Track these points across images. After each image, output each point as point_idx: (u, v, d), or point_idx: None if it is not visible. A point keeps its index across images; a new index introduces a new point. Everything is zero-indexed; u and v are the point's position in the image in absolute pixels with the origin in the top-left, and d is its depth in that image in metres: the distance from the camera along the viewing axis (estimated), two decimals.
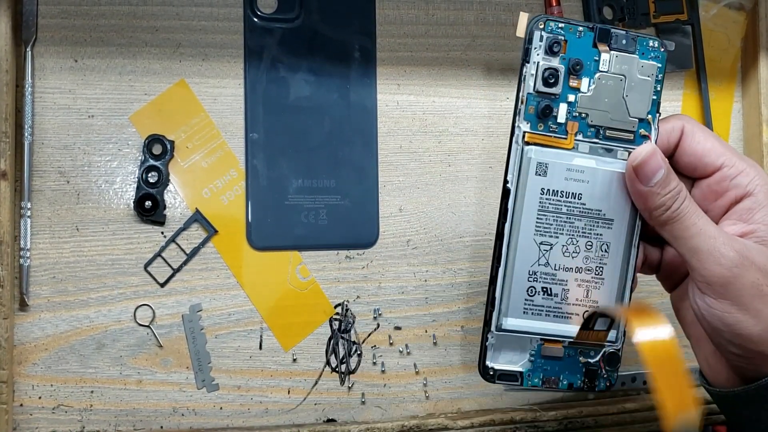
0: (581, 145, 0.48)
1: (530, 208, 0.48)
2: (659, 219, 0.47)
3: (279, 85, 0.62)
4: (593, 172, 0.48)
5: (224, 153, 0.62)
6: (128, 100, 0.61)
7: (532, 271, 0.49)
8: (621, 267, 0.50)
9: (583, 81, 0.47)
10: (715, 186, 0.48)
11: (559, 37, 0.47)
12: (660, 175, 0.46)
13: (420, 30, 0.65)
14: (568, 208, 0.48)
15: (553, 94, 0.47)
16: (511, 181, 0.48)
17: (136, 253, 0.61)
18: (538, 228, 0.48)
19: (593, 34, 0.47)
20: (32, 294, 0.59)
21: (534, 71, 0.47)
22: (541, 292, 0.49)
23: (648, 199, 0.47)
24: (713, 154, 0.48)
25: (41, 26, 0.60)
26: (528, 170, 0.47)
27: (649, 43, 0.48)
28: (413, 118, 0.65)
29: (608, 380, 0.51)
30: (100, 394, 0.60)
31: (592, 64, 0.47)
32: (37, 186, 0.60)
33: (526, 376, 0.51)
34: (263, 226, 0.62)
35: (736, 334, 0.46)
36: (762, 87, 0.68)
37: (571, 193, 0.48)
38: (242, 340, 0.62)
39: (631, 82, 0.48)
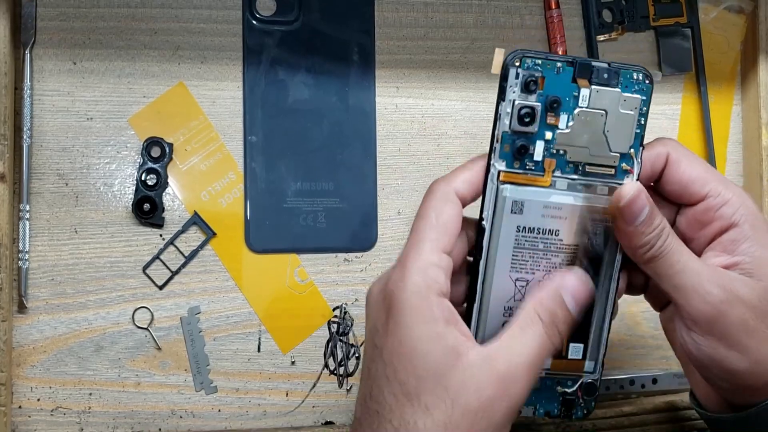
0: (559, 182, 0.46)
1: (506, 246, 0.46)
2: (643, 257, 0.45)
3: (278, 88, 0.62)
4: (571, 209, 0.46)
5: (223, 155, 0.62)
6: (127, 102, 0.61)
7: (508, 307, 0.47)
8: (600, 299, 0.48)
9: (562, 118, 0.45)
10: (700, 216, 0.47)
11: (535, 74, 0.44)
12: (644, 214, 0.45)
13: (419, 33, 0.65)
14: (545, 245, 0.47)
15: (529, 133, 0.45)
16: (486, 218, 0.46)
17: (135, 255, 0.61)
18: (513, 265, 0.47)
19: (573, 69, 0.45)
20: (31, 296, 0.59)
21: (509, 110, 0.45)
22: None
23: (632, 239, 0.45)
24: (698, 182, 0.47)
25: (40, 29, 0.60)
26: (503, 208, 0.46)
27: (633, 76, 0.46)
28: (412, 121, 0.65)
29: (585, 409, 0.50)
30: (98, 396, 0.60)
31: (571, 100, 0.45)
32: (36, 188, 0.60)
33: None
34: (262, 229, 0.62)
35: (724, 370, 0.45)
36: (761, 90, 0.68)
37: (548, 230, 0.46)
38: (241, 342, 0.62)
39: (613, 116, 0.46)
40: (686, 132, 0.70)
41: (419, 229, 0.45)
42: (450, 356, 0.42)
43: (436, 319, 0.42)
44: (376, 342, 0.44)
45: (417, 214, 0.46)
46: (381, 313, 0.44)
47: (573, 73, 0.45)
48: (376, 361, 0.44)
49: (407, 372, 0.42)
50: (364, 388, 0.45)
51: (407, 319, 0.42)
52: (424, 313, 0.42)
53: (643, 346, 0.69)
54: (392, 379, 0.42)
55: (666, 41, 0.69)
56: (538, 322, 0.44)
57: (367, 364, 0.45)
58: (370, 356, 0.44)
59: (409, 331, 0.42)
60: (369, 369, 0.44)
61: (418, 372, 0.42)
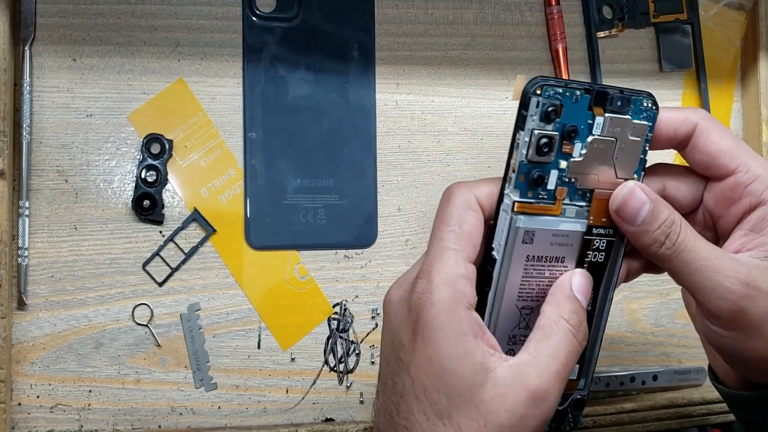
0: (568, 210, 0.45)
1: (515, 276, 0.45)
2: (656, 256, 0.44)
3: (278, 85, 0.62)
4: (577, 236, 0.45)
5: (223, 152, 0.62)
6: (127, 99, 0.61)
7: (512, 335, 0.46)
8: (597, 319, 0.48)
9: (576, 146, 0.44)
10: (729, 192, 0.45)
11: (555, 102, 0.43)
12: (645, 211, 0.43)
13: (419, 29, 0.65)
14: (551, 272, 0.45)
15: (545, 162, 0.43)
16: (497, 249, 0.44)
17: (135, 252, 0.61)
18: (520, 294, 0.45)
19: (589, 97, 0.43)
20: (30, 293, 0.59)
21: (528, 139, 0.43)
22: None
23: (639, 238, 0.44)
24: (727, 155, 0.45)
25: (39, 25, 0.60)
26: (516, 239, 0.44)
27: (643, 103, 0.45)
28: (412, 118, 0.65)
29: (573, 422, 0.49)
30: (98, 393, 0.60)
31: (586, 128, 0.44)
32: (36, 185, 0.60)
33: None
34: (262, 226, 0.62)
35: (746, 357, 0.44)
36: (762, 87, 0.68)
37: (555, 257, 0.45)
38: (240, 339, 0.62)
39: (622, 143, 0.44)
40: None
41: (442, 237, 0.43)
42: (480, 373, 0.41)
43: (465, 334, 0.41)
44: (402, 357, 0.43)
45: (438, 219, 0.44)
46: (406, 326, 0.43)
47: (589, 101, 0.43)
48: (402, 376, 0.43)
49: (438, 391, 0.41)
50: (389, 403, 0.44)
51: (436, 335, 0.41)
52: (454, 329, 0.41)
53: (644, 343, 0.69)
54: (422, 398, 0.41)
55: (666, 38, 0.69)
56: (564, 325, 0.43)
57: (391, 377, 0.44)
58: (395, 370, 0.43)
59: (439, 348, 0.41)
60: (394, 383, 0.43)
61: (449, 391, 0.41)
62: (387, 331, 0.45)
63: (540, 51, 0.67)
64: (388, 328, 0.45)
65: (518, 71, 0.67)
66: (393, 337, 0.44)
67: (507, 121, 0.66)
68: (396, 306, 0.44)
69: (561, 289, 0.44)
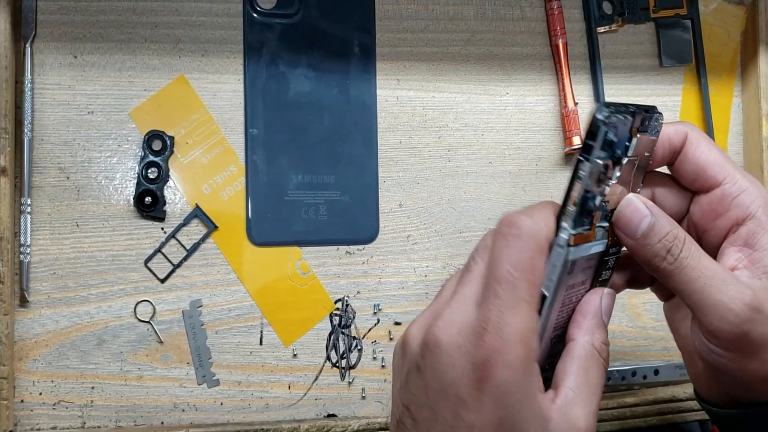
0: (598, 232, 0.42)
1: (556, 309, 0.42)
2: (658, 270, 0.43)
3: (278, 81, 0.62)
4: (598, 256, 0.43)
5: (224, 149, 0.62)
6: (128, 95, 0.61)
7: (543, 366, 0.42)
8: None
9: (615, 170, 0.42)
10: (716, 204, 0.44)
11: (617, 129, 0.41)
12: (645, 223, 0.42)
13: (419, 25, 0.65)
14: (577, 297, 0.43)
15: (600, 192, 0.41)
16: (547, 287, 0.40)
17: (136, 249, 0.61)
18: (555, 327, 0.43)
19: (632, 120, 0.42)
20: (32, 290, 0.59)
21: (592, 170, 0.40)
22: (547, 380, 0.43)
23: (639, 252, 0.43)
24: (716, 166, 0.44)
25: (40, 22, 0.60)
26: (564, 272, 0.41)
27: (658, 120, 0.44)
28: (413, 114, 0.65)
29: None
30: (100, 390, 0.60)
31: (624, 150, 0.42)
32: (37, 182, 0.60)
33: None
34: (263, 222, 0.62)
35: (739, 377, 0.43)
36: (762, 81, 0.68)
37: (581, 281, 0.43)
38: (242, 335, 0.62)
39: (641, 161, 0.44)
40: None
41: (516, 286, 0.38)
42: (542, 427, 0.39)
43: (536, 394, 0.39)
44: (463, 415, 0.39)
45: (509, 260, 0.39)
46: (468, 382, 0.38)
47: (631, 124, 0.42)
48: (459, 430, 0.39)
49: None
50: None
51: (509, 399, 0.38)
52: (528, 392, 0.38)
53: (645, 338, 0.69)
54: None
55: (666, 33, 0.69)
56: (598, 358, 0.41)
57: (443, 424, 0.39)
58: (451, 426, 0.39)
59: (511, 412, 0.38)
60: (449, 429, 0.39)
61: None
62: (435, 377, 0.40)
63: (540, 47, 0.67)
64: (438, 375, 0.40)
65: (518, 67, 0.67)
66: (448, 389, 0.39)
67: (507, 117, 0.67)
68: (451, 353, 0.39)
69: (592, 313, 0.43)
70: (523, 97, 0.67)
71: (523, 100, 0.67)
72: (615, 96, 0.68)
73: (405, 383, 0.41)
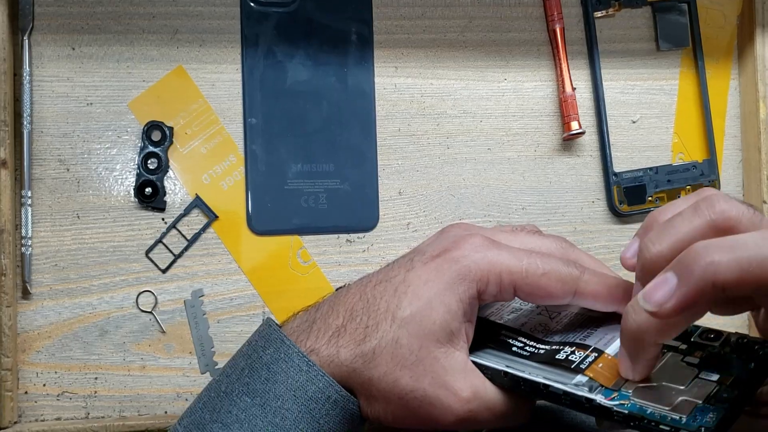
0: None
1: None
2: None
3: (276, 70, 0.63)
4: None
5: (223, 138, 0.62)
6: (126, 87, 0.61)
7: None
8: None
9: None
10: None
11: None
12: None
13: (416, 12, 0.65)
14: None
15: None
16: None
17: (137, 239, 0.61)
18: None
19: None
20: (34, 282, 0.59)
21: None
22: None
23: None
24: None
25: (38, 14, 0.60)
26: None
27: None
28: (411, 101, 0.65)
29: None
30: (104, 380, 0.60)
31: None
32: (37, 174, 0.60)
33: None
34: (263, 211, 0.62)
35: None
36: (758, 64, 0.68)
37: None
38: (244, 324, 0.62)
39: None
40: (684, 107, 0.70)
41: None
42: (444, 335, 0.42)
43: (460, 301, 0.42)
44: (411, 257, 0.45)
45: None
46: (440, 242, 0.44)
47: None
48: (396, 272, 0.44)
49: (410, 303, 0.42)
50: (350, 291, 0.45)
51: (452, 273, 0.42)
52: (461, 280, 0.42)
53: None
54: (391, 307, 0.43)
55: (663, 17, 0.69)
56: None
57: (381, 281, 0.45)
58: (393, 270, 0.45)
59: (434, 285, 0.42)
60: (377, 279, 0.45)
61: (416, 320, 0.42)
62: None
63: (537, 32, 0.67)
64: None
65: (516, 53, 0.67)
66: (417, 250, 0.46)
67: (505, 103, 0.67)
68: None
69: None
70: (521, 83, 0.67)
71: (521, 86, 0.67)
72: (612, 80, 0.68)
73: None
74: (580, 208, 0.68)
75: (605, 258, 0.68)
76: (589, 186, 0.68)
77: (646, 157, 0.68)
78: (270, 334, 0.44)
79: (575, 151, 0.68)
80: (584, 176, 0.68)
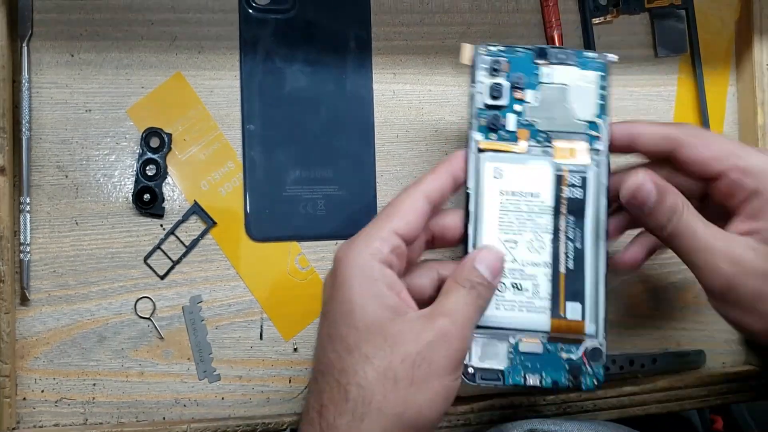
0: (534, 149, 0.52)
1: (492, 209, 0.51)
2: (662, 237, 0.50)
3: (275, 76, 0.63)
4: (545, 172, 0.52)
5: (221, 145, 0.62)
6: (125, 93, 0.61)
7: None
8: (590, 254, 0.51)
9: (528, 93, 0.52)
10: (726, 188, 0.50)
11: (500, 58, 0.52)
12: (650, 201, 0.49)
13: (415, 18, 0.65)
14: (529, 207, 0.51)
15: (500, 106, 0.52)
16: (470, 186, 0.51)
17: (136, 246, 0.61)
18: (501, 226, 0.51)
19: (533, 53, 0.52)
20: (33, 288, 0.59)
21: (481, 89, 0.52)
22: (510, 287, 0.51)
23: (647, 222, 0.50)
24: (714, 161, 0.50)
25: (37, 21, 0.60)
26: (484, 174, 0.51)
27: (587, 56, 0.53)
28: (409, 107, 0.65)
29: (594, 378, 0.51)
30: (102, 386, 0.60)
31: (534, 77, 0.52)
32: (36, 181, 0.60)
33: (507, 373, 0.51)
34: (262, 217, 0.62)
35: (745, 330, 0.50)
36: (756, 70, 0.69)
37: (530, 193, 0.51)
38: (243, 330, 0.62)
39: (574, 90, 0.52)
40: (683, 113, 0.70)
41: (380, 212, 0.49)
42: (389, 312, 0.45)
43: (376, 280, 0.45)
44: (324, 309, 0.47)
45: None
46: (329, 282, 0.47)
47: (533, 56, 0.52)
48: (321, 326, 0.46)
49: (348, 326, 0.44)
50: (314, 360, 0.47)
51: (349, 279, 0.45)
52: (365, 273, 0.45)
53: (643, 327, 0.69)
54: (334, 337, 0.45)
55: (661, 23, 0.69)
56: (458, 287, 0.47)
57: (318, 334, 0.47)
58: (319, 325, 0.47)
59: (350, 290, 0.45)
60: (318, 337, 0.47)
61: (357, 324, 0.44)
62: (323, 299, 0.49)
63: (535, 38, 0.67)
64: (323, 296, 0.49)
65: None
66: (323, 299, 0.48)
67: None
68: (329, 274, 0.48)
69: (465, 259, 0.49)
70: None
71: None
72: None
73: None
74: None
75: None
76: None
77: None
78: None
79: None
80: None
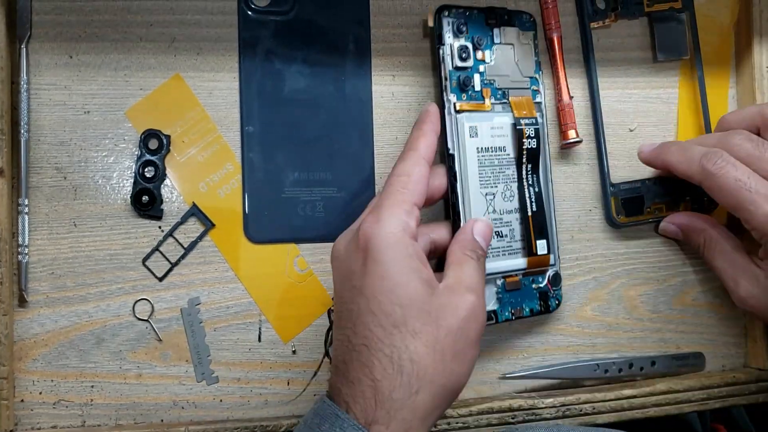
0: (496, 106, 0.59)
1: (472, 166, 0.58)
2: None
3: (274, 78, 0.63)
4: (509, 126, 0.60)
5: (220, 147, 0.62)
6: (124, 95, 0.61)
7: None
8: (546, 196, 0.62)
9: (486, 53, 0.59)
10: None
11: (460, 20, 0.58)
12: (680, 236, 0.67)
13: (414, 20, 0.65)
14: (499, 161, 0.59)
15: (467, 67, 0.58)
16: (453, 147, 0.57)
17: (134, 247, 0.61)
18: (481, 182, 0.58)
19: (484, 15, 0.59)
20: (31, 290, 0.59)
21: (450, 51, 0.58)
22: (494, 236, 0.59)
23: None
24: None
25: (35, 23, 0.60)
26: (464, 134, 0.58)
27: (523, 17, 0.61)
28: (409, 109, 0.65)
29: (556, 299, 0.63)
30: (100, 388, 0.60)
31: (488, 38, 0.60)
32: (34, 182, 0.60)
33: (498, 312, 0.60)
34: (260, 219, 0.62)
35: None
36: (756, 72, 0.69)
37: (498, 147, 0.59)
38: (241, 332, 0.62)
39: (518, 49, 0.61)
40: (684, 116, 0.70)
41: (393, 184, 0.52)
42: (427, 286, 0.48)
43: (411, 256, 0.49)
44: (355, 283, 0.48)
45: (391, 174, 0.54)
46: (356, 257, 0.49)
47: (485, 18, 0.59)
48: (356, 300, 0.48)
49: (392, 303, 0.47)
50: (345, 330, 0.49)
51: (386, 256, 0.48)
52: (402, 250, 0.48)
53: (642, 329, 0.69)
54: (378, 312, 0.47)
55: (660, 26, 0.69)
56: (468, 259, 0.53)
57: (347, 306, 0.49)
58: (349, 298, 0.49)
59: (390, 266, 0.48)
60: (350, 310, 0.48)
61: (402, 301, 0.47)
62: (338, 272, 0.52)
63: None
64: (338, 270, 0.52)
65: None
66: (344, 272, 0.50)
67: None
68: (344, 248, 0.52)
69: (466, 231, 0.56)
70: None
71: None
72: (610, 89, 0.68)
73: None
74: (578, 217, 0.68)
75: (602, 266, 0.68)
76: (587, 194, 0.68)
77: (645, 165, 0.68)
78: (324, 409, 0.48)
79: (573, 159, 0.68)
80: (582, 185, 0.68)
